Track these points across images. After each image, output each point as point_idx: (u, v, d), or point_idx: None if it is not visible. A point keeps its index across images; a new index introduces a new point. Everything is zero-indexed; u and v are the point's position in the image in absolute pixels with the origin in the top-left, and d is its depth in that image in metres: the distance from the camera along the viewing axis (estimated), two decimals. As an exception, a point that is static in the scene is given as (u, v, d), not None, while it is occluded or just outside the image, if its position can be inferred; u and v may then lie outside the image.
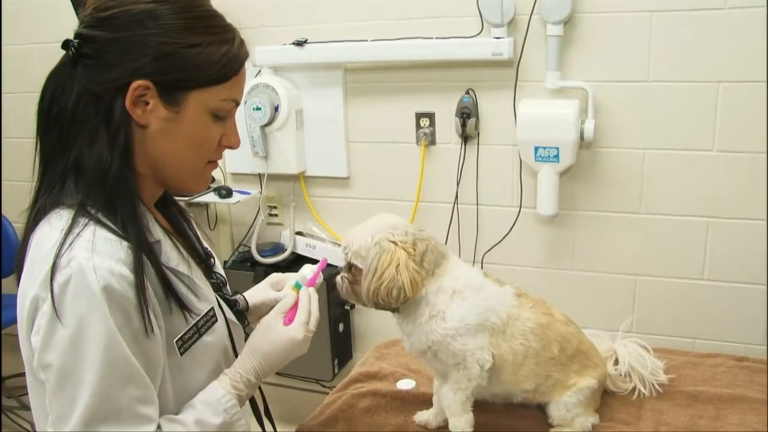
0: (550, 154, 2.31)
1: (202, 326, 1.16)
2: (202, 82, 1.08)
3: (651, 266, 2.44)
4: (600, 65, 2.30)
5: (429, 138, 2.59)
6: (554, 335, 1.38)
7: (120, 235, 1.05)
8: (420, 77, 2.55)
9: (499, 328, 1.34)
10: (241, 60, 1.14)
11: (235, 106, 1.17)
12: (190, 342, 1.14)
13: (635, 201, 2.40)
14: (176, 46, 1.05)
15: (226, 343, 1.24)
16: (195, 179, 1.20)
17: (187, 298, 1.13)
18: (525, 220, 2.53)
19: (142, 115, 1.07)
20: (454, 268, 1.35)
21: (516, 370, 1.35)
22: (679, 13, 2.18)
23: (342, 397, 1.48)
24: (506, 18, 2.31)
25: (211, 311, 1.19)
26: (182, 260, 1.17)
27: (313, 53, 2.59)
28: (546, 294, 2.52)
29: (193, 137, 1.12)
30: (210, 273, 1.32)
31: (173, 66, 1.06)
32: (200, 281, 1.21)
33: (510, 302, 1.36)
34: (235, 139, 1.19)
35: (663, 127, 2.30)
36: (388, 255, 1.27)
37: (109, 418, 0.99)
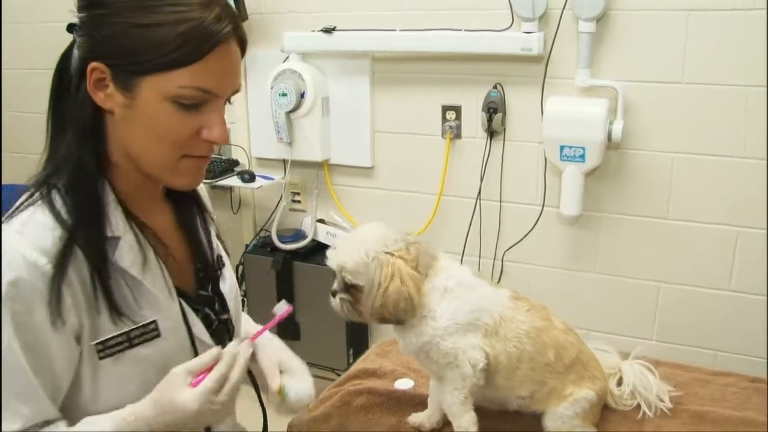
0: (576, 153, 2.25)
1: (135, 336, 1.06)
2: (154, 67, 0.97)
3: (675, 273, 2.37)
4: (632, 64, 2.24)
5: (454, 131, 2.55)
6: (550, 340, 1.34)
7: (61, 220, 1.01)
8: (448, 69, 2.51)
9: (492, 328, 1.31)
10: (209, 42, 0.98)
11: (206, 96, 1.01)
12: (116, 349, 1.05)
13: (662, 206, 2.33)
14: (126, 26, 0.96)
15: (177, 362, 1.07)
16: (169, 173, 1.07)
17: (125, 302, 1.05)
18: (547, 219, 2.48)
19: (104, 100, 1.01)
20: (445, 268, 1.32)
21: (510, 374, 1.32)
22: (719, 13, 2.10)
23: (338, 393, 1.46)
24: (537, 12, 2.26)
25: (152, 324, 1.08)
26: (139, 263, 1.07)
27: (341, 41, 2.56)
28: (565, 296, 2.51)
29: (151, 127, 1.02)
30: (206, 284, 1.22)
31: (123, 48, 0.97)
32: (157, 290, 1.09)
33: (504, 303, 1.33)
34: (218, 133, 1.04)
35: (695, 130, 2.22)
36: (389, 267, 1.23)
37: None
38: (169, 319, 1.11)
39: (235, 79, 1.06)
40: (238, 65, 1.06)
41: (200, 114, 1.03)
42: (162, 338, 1.09)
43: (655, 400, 1.41)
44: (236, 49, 1.04)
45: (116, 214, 1.07)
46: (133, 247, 1.07)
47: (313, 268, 2.73)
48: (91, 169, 1.04)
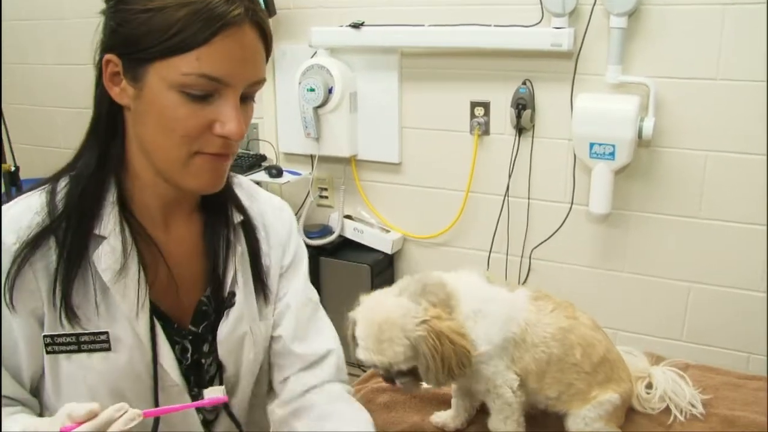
0: (605, 151, 2.22)
1: (84, 342, 1.01)
2: (157, 53, 0.92)
3: (707, 274, 2.33)
4: (664, 61, 2.19)
5: (483, 128, 2.53)
6: (577, 339, 1.30)
7: (50, 207, 1.00)
8: (476, 65, 2.48)
9: (519, 337, 1.26)
10: (214, 25, 0.91)
11: (215, 85, 0.94)
12: (64, 348, 1.01)
13: (694, 205, 2.28)
14: (133, 12, 0.92)
15: (135, 389, 1.04)
16: (181, 172, 0.99)
17: (84, 304, 1.00)
18: (576, 217, 2.45)
19: (119, 95, 0.98)
20: (460, 290, 1.25)
21: (540, 379, 1.29)
22: (757, 6, 2.05)
23: (361, 390, 1.46)
24: (568, 7, 2.23)
25: (103, 335, 1.01)
26: (114, 269, 1.01)
27: (370, 36, 2.55)
28: (594, 295, 2.48)
29: (159, 119, 0.95)
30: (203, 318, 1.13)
31: (130, 36, 0.93)
32: (125, 303, 1.02)
33: (525, 307, 1.29)
34: (231, 127, 0.95)
35: (728, 128, 2.17)
36: (432, 337, 1.15)
37: None
38: (128, 336, 1.03)
39: (248, 68, 0.97)
40: (252, 52, 0.97)
41: (211, 106, 0.95)
42: (113, 353, 1.02)
43: (687, 406, 1.38)
44: (251, 35, 0.96)
45: (111, 214, 1.02)
46: (116, 251, 1.01)
47: (339, 263, 2.73)
48: (98, 164, 1.02)
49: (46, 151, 3.65)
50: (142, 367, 1.04)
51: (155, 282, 1.07)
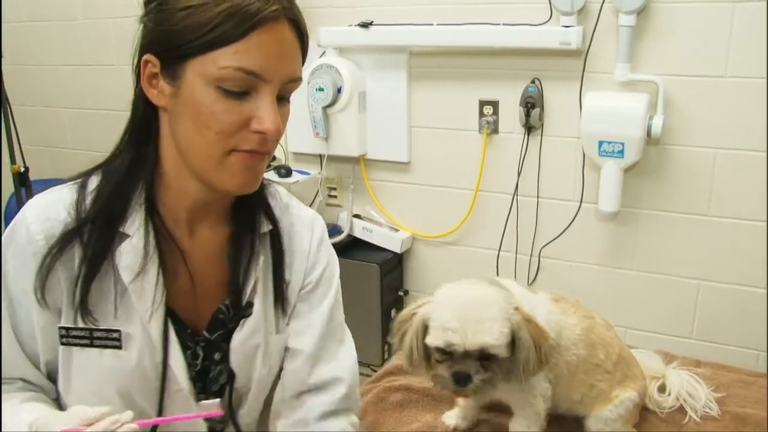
0: (614, 149, 2.22)
1: (96, 337, 1.03)
2: (195, 48, 0.93)
3: (716, 272, 2.33)
4: (673, 58, 2.19)
5: (492, 126, 2.53)
6: (597, 339, 1.31)
7: (80, 203, 1.02)
8: (485, 64, 2.49)
9: (555, 343, 1.25)
10: (251, 20, 0.92)
11: (251, 80, 0.95)
12: (77, 341, 1.03)
13: (704, 203, 2.28)
14: (172, 11, 0.94)
15: (141, 388, 1.06)
16: (216, 170, 0.99)
17: (101, 300, 1.03)
18: (585, 215, 2.45)
19: (157, 96, 0.99)
20: (515, 295, 1.23)
21: (569, 383, 1.29)
22: (765, 3, 2.04)
23: (374, 389, 1.47)
24: (576, 6, 2.23)
25: (115, 333, 1.03)
26: (134, 269, 1.02)
27: (379, 35, 2.56)
28: (603, 294, 2.48)
29: (197, 115, 0.96)
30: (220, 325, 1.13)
31: (169, 34, 0.94)
32: (141, 304, 1.04)
33: (553, 310, 1.29)
34: (268, 123, 0.96)
35: (738, 126, 2.17)
36: (528, 325, 1.14)
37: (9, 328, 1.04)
38: (140, 336, 1.04)
39: (285, 64, 0.97)
40: (289, 48, 0.98)
41: (248, 103, 0.96)
42: (124, 351, 1.04)
43: (702, 407, 1.38)
44: (287, 31, 0.97)
45: (137, 214, 1.04)
46: (137, 250, 1.03)
47: (349, 263, 2.74)
48: (130, 164, 1.04)
49: (55, 152, 3.67)
50: (151, 368, 1.05)
51: (174, 286, 1.07)
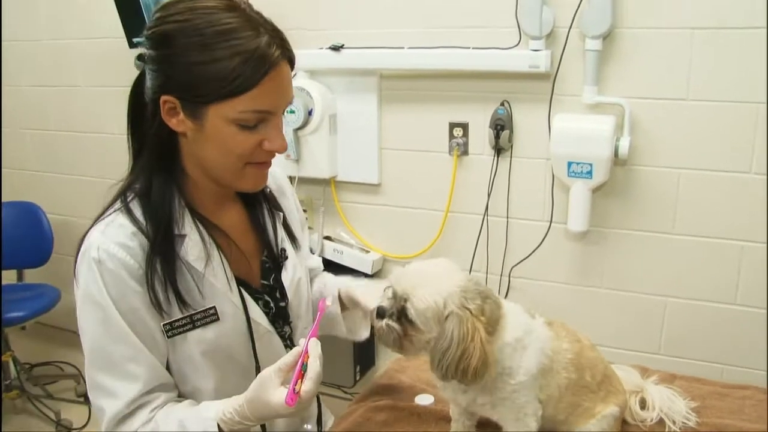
0: (583, 170, 2.28)
1: (198, 320, 1.23)
2: (216, 97, 1.11)
3: (682, 288, 2.39)
4: (638, 82, 2.27)
5: (462, 148, 2.57)
6: (586, 362, 1.33)
7: (138, 225, 1.19)
8: (455, 87, 2.53)
9: (548, 366, 1.27)
10: (261, 70, 1.10)
11: (264, 115, 1.15)
12: (181, 329, 1.22)
13: (669, 221, 2.35)
14: (192, 64, 1.10)
15: (238, 344, 1.28)
16: (236, 179, 1.23)
17: (189, 292, 1.21)
18: (555, 235, 2.50)
19: (177, 124, 1.16)
20: (508, 316, 1.24)
21: (557, 404, 1.31)
22: (722, 31, 2.13)
23: (359, 409, 1.46)
24: (545, 30, 2.29)
25: (212, 309, 1.24)
26: (203, 258, 1.23)
27: (349, 58, 2.59)
28: (573, 312, 2.52)
29: (220, 146, 1.16)
30: (269, 274, 1.37)
31: (190, 83, 1.11)
32: (218, 281, 1.24)
33: (548, 335, 1.31)
34: (278, 144, 1.19)
35: (700, 147, 2.25)
36: (468, 327, 1.13)
37: (103, 367, 1.18)
38: (228, 305, 1.26)
39: (287, 96, 1.19)
40: (289, 82, 1.18)
41: (261, 130, 1.16)
42: (221, 322, 1.25)
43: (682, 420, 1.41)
44: (287, 69, 1.16)
45: (184, 215, 1.23)
46: (198, 244, 1.23)
47: (320, 284, 2.74)
48: (164, 180, 1.22)
49: (16, 174, 3.61)
50: (241, 326, 1.27)
51: (230, 258, 1.28)
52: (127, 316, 1.18)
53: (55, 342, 3.66)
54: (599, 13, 2.20)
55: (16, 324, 3.01)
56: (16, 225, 3.27)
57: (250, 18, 1.12)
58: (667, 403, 1.42)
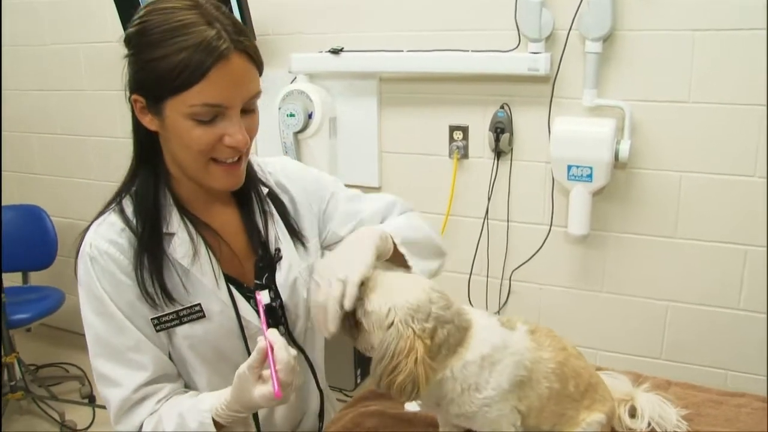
0: (583, 173, 2.26)
1: (184, 316, 1.25)
2: (168, 92, 1.12)
3: (684, 293, 2.37)
4: (639, 84, 2.25)
5: (462, 151, 2.56)
6: (570, 372, 1.31)
7: (128, 222, 1.23)
8: (455, 90, 2.52)
9: (527, 377, 1.25)
10: (206, 64, 1.10)
11: (217, 109, 1.14)
12: (168, 324, 1.25)
13: (671, 225, 2.33)
14: (146, 62, 1.12)
15: (229, 342, 1.29)
16: (204, 177, 1.22)
17: (175, 288, 1.24)
18: (555, 239, 2.48)
19: (149, 123, 1.18)
20: (477, 334, 1.21)
21: (539, 414, 1.29)
22: (723, 32, 2.11)
23: (348, 414, 1.46)
24: (544, 33, 2.27)
25: (197, 306, 1.26)
26: (189, 255, 1.25)
27: (349, 62, 2.58)
28: (574, 316, 2.50)
29: (180, 141, 1.17)
30: (262, 274, 1.36)
31: (145, 80, 1.13)
32: (205, 278, 1.26)
33: (528, 345, 1.29)
34: (237, 138, 1.17)
35: (702, 149, 2.23)
36: (405, 343, 1.12)
37: (107, 358, 1.23)
38: (215, 303, 1.27)
39: (241, 89, 1.16)
40: (243, 75, 1.15)
41: (218, 125, 1.16)
42: (207, 319, 1.26)
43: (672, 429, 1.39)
44: (240, 61, 1.13)
45: (173, 213, 1.26)
46: (185, 241, 1.25)
47: (321, 287, 2.73)
48: (147, 178, 1.25)
49: (23, 177, 3.63)
50: (230, 324, 1.29)
51: (221, 256, 1.30)
52: (124, 308, 1.21)
53: (60, 344, 3.68)
54: (599, 15, 2.19)
55: (21, 326, 3.02)
56: (20, 228, 3.29)
57: (205, 14, 1.13)
58: (658, 410, 1.40)
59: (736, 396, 1.50)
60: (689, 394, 1.50)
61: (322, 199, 1.48)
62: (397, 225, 1.40)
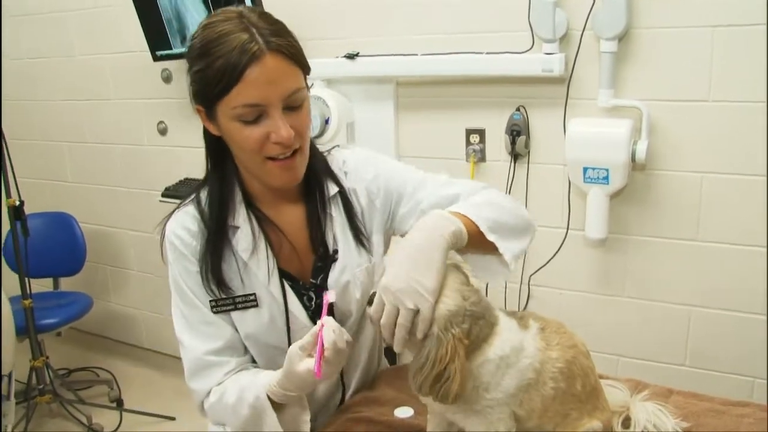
0: (599, 175, 2.21)
1: (239, 303, 1.37)
2: (214, 98, 1.22)
3: (707, 297, 2.29)
4: (656, 83, 2.19)
5: (479, 155, 2.53)
6: (578, 370, 1.28)
7: (201, 212, 1.36)
8: (471, 93, 2.49)
9: (534, 380, 1.24)
10: (239, 67, 1.18)
11: (258, 109, 1.21)
12: (224, 308, 1.37)
13: (692, 227, 2.26)
14: (195, 73, 1.24)
15: (277, 334, 1.40)
16: (263, 175, 1.32)
17: (229, 276, 1.36)
18: (573, 242, 2.43)
19: (213, 129, 1.30)
20: (501, 333, 1.20)
21: (543, 414, 1.26)
22: (743, 28, 2.04)
23: (338, 420, 1.44)
24: (558, 33, 2.24)
25: (252, 296, 1.37)
26: (249, 249, 1.36)
27: (365, 66, 2.58)
28: (594, 321, 2.45)
29: (234, 143, 1.28)
30: (318, 273, 1.42)
31: (198, 90, 1.25)
32: (260, 272, 1.37)
33: (538, 345, 1.26)
34: (280, 134, 1.23)
35: (724, 150, 2.16)
36: (447, 350, 1.11)
37: (183, 325, 1.39)
38: (268, 295, 1.37)
39: (279, 87, 1.21)
40: (279, 74, 1.20)
41: (264, 122, 1.23)
42: (259, 308, 1.38)
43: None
44: (274, 61, 1.19)
45: (240, 208, 1.37)
46: (248, 235, 1.36)
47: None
48: (219, 177, 1.37)
49: (55, 185, 3.72)
50: (278, 317, 1.39)
51: (281, 252, 1.40)
52: (195, 288, 1.36)
53: (91, 348, 3.75)
54: (613, 13, 2.14)
55: (50, 330, 3.09)
56: (50, 235, 3.37)
57: (243, 22, 1.21)
58: (653, 420, 1.35)
59: (739, 405, 1.44)
60: (690, 403, 1.45)
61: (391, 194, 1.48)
62: (477, 207, 1.30)
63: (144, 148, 3.24)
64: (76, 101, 3.47)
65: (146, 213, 3.35)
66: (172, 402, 3.20)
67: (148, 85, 3.14)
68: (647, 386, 1.48)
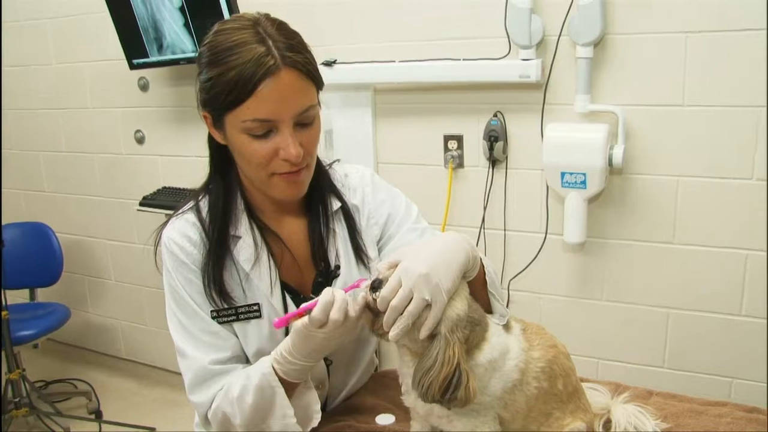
0: (576, 180, 2.23)
1: (241, 313, 1.34)
2: (223, 109, 1.20)
3: (685, 299, 2.32)
4: (632, 88, 2.21)
5: (457, 161, 2.54)
6: (559, 370, 1.29)
7: (201, 221, 1.33)
8: (448, 99, 2.51)
9: (518, 380, 1.25)
10: (253, 81, 1.15)
11: (269, 124, 1.18)
12: (225, 318, 1.34)
13: (669, 230, 2.28)
14: (205, 80, 1.20)
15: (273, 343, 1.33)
16: (268, 188, 1.29)
17: (231, 287, 1.33)
18: (552, 247, 2.45)
19: (219, 136, 1.28)
20: (491, 337, 1.21)
21: (527, 415, 1.27)
22: (716, 34, 2.07)
23: (319, 428, 1.44)
24: (534, 39, 2.25)
25: (255, 306, 1.34)
26: (251, 259, 1.33)
27: (343, 73, 2.58)
28: (574, 325, 2.47)
29: (241, 154, 1.25)
30: (318, 287, 1.37)
31: (207, 98, 1.22)
32: (262, 283, 1.34)
33: (521, 346, 1.27)
34: (289, 152, 1.20)
35: (699, 153, 2.18)
36: (452, 352, 1.11)
37: (183, 334, 1.33)
38: (269, 307, 1.35)
39: (291, 103, 1.19)
40: (292, 90, 1.18)
41: (273, 139, 1.21)
42: (261, 320, 1.35)
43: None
44: (289, 76, 1.17)
45: (242, 218, 1.35)
46: (249, 246, 1.33)
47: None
48: (222, 185, 1.35)
49: (30, 195, 3.68)
50: (279, 329, 1.30)
51: (282, 264, 1.38)
52: (196, 298, 1.32)
53: (69, 359, 3.71)
54: (589, 19, 2.16)
55: (27, 342, 3.05)
56: (26, 245, 3.33)
57: (259, 32, 1.18)
58: (634, 422, 1.36)
59: (717, 405, 1.45)
60: (669, 404, 1.46)
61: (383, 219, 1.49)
62: None
63: (121, 156, 3.21)
64: (53, 110, 3.43)
65: (124, 222, 3.33)
66: (152, 412, 3.17)
67: (125, 93, 3.12)
68: (627, 388, 1.49)
